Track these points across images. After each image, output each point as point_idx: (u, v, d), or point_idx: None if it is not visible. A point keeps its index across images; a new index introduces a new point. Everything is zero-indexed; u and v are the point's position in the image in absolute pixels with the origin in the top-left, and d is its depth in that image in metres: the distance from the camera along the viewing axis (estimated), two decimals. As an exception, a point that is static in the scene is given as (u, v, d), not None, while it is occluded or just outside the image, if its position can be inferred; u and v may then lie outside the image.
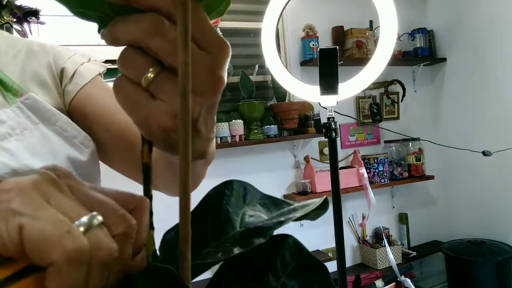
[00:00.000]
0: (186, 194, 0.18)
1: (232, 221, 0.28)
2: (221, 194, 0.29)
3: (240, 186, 0.30)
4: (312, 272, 0.26)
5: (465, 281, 2.62)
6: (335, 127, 1.27)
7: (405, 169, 2.85)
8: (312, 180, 2.51)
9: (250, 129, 2.38)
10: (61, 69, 0.62)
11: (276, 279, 0.25)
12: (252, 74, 2.50)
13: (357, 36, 2.70)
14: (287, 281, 0.25)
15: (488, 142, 2.61)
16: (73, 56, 0.64)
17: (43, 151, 0.52)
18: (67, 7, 0.25)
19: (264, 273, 0.25)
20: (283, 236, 0.27)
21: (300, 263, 0.26)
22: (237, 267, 0.26)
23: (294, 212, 0.25)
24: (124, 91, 0.26)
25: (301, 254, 0.26)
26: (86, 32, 2.07)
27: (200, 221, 0.28)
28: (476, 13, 2.76)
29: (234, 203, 0.29)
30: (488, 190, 2.78)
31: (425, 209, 3.13)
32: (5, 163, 0.47)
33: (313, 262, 0.26)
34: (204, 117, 0.28)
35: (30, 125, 0.53)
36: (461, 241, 2.79)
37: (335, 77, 1.20)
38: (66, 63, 0.63)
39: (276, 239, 0.26)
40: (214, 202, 0.29)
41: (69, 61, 0.63)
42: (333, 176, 1.24)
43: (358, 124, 2.87)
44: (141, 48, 0.26)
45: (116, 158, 0.64)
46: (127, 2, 0.25)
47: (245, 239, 0.25)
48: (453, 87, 3.01)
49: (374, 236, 2.90)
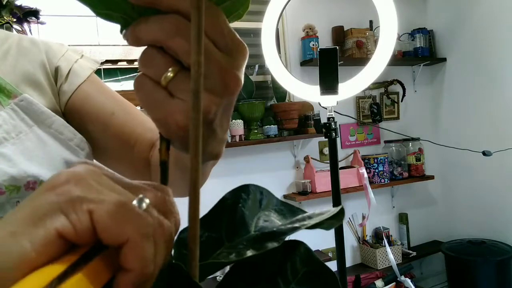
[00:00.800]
0: (195, 193, 0.18)
1: (247, 224, 0.28)
2: (238, 197, 0.30)
3: (256, 190, 0.30)
4: (321, 279, 0.26)
5: (465, 281, 2.62)
6: (335, 127, 1.27)
7: (405, 169, 2.85)
8: (312, 180, 2.51)
9: (250, 129, 2.38)
10: (55, 68, 0.61)
11: (286, 284, 0.25)
12: (252, 74, 2.50)
13: (357, 36, 2.70)
14: (296, 287, 0.25)
15: (488, 142, 2.61)
16: (66, 53, 0.63)
17: (39, 155, 0.51)
18: (91, 8, 0.25)
19: (274, 278, 0.25)
20: (295, 243, 0.27)
21: (310, 270, 0.26)
22: (247, 270, 0.26)
23: (309, 219, 0.26)
24: (144, 89, 0.27)
25: (311, 261, 0.26)
26: (86, 32, 2.07)
27: (215, 223, 0.28)
28: (476, 13, 2.76)
29: (250, 207, 0.29)
30: (488, 190, 2.78)
31: (425, 209, 3.13)
32: (3, 170, 0.47)
33: (322, 269, 0.26)
34: (220, 118, 0.29)
35: (25, 128, 0.52)
36: (461, 241, 2.79)
37: (335, 77, 1.20)
38: (60, 61, 0.62)
39: (288, 245, 0.27)
40: (230, 205, 0.29)
41: (63, 59, 0.62)
42: (333, 176, 1.24)
43: (358, 124, 2.87)
44: (161, 48, 0.26)
45: (113, 158, 0.63)
46: (149, 3, 0.25)
47: (259, 243, 0.25)
48: (453, 87, 3.01)
49: (374, 236, 2.90)
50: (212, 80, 0.26)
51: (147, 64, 0.27)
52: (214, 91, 0.27)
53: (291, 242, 0.27)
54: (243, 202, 0.29)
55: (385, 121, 2.93)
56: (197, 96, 0.18)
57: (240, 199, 0.29)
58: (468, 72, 2.87)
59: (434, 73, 3.15)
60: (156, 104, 0.27)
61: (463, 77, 2.91)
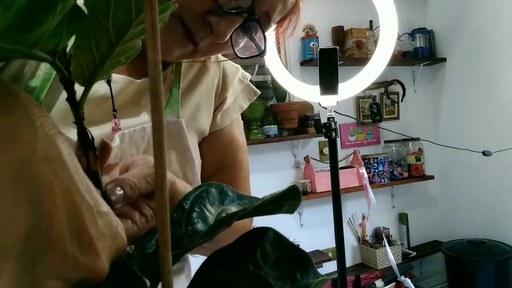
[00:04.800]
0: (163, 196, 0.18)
1: (207, 219, 0.29)
2: (197, 196, 0.30)
3: (216, 188, 0.31)
4: (292, 260, 0.26)
5: (465, 281, 2.62)
6: (335, 127, 1.26)
7: (405, 169, 2.85)
8: (312, 180, 2.51)
9: (250, 129, 2.37)
10: (223, 99, 0.63)
11: (258, 270, 0.26)
12: (252, 74, 2.50)
13: (357, 36, 2.70)
14: (269, 271, 0.26)
15: (488, 142, 2.61)
16: (235, 83, 0.65)
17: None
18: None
19: (245, 266, 0.26)
20: (263, 229, 0.27)
21: (282, 254, 0.27)
22: (218, 262, 0.26)
23: (261, 200, 0.26)
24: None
25: (282, 245, 0.27)
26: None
27: (177, 224, 0.29)
28: (476, 13, 2.76)
29: (210, 204, 0.30)
30: (488, 190, 2.78)
31: (425, 209, 3.13)
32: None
33: (294, 252, 0.27)
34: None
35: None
36: (461, 241, 2.79)
37: (335, 77, 1.20)
38: (229, 94, 0.64)
39: (256, 232, 0.27)
40: (190, 204, 0.30)
41: (231, 91, 0.64)
42: (333, 176, 1.24)
43: (358, 124, 2.87)
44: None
45: None
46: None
47: (211, 231, 0.25)
48: (453, 87, 3.01)
49: (374, 236, 2.90)
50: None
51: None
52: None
53: (259, 229, 0.27)
54: (202, 200, 0.30)
55: (385, 121, 2.93)
56: (157, 97, 0.17)
57: (200, 199, 0.30)
58: (468, 72, 2.86)
59: (434, 73, 3.15)
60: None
61: (463, 77, 2.91)
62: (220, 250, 0.27)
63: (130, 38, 0.23)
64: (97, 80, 0.24)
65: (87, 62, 0.23)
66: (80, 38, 0.22)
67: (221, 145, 0.64)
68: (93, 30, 0.22)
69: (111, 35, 0.23)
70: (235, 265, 0.26)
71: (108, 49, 0.23)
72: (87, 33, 0.22)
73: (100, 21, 0.22)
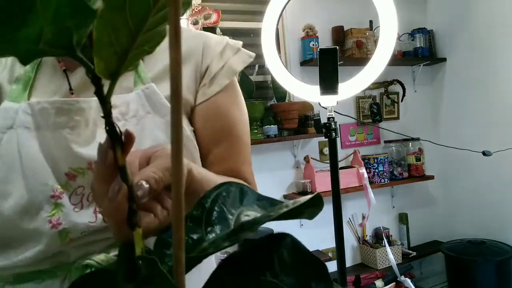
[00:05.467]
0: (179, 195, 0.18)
1: (227, 220, 0.29)
2: (217, 195, 0.30)
3: (237, 188, 0.31)
4: (308, 268, 0.26)
5: (465, 281, 2.62)
6: (335, 127, 1.26)
7: (405, 169, 2.85)
8: (312, 180, 2.50)
9: (250, 129, 2.37)
10: (206, 68, 0.63)
11: (274, 277, 0.25)
12: (252, 74, 2.50)
13: (357, 36, 2.70)
14: (285, 278, 0.25)
15: (488, 142, 2.61)
16: (223, 50, 0.64)
17: (142, 141, 0.55)
18: None
19: (261, 272, 0.25)
20: (281, 235, 0.27)
21: (297, 260, 0.26)
22: (234, 266, 0.26)
23: (286, 208, 0.26)
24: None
25: (298, 252, 0.27)
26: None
27: (196, 222, 0.28)
28: (476, 13, 2.76)
29: (230, 204, 0.30)
30: (488, 190, 2.78)
31: (425, 209, 3.12)
32: None
33: (310, 259, 0.26)
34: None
35: (141, 113, 0.56)
36: (461, 241, 2.78)
37: (335, 77, 1.20)
38: (213, 62, 0.63)
39: (274, 238, 0.27)
40: (210, 203, 0.29)
41: (216, 59, 0.63)
42: (333, 176, 1.24)
43: (358, 124, 2.87)
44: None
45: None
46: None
47: (234, 235, 0.25)
48: (453, 87, 3.01)
49: (374, 236, 2.90)
50: None
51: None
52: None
53: (277, 235, 0.27)
54: (222, 199, 0.30)
55: (385, 121, 2.93)
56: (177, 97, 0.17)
57: (220, 197, 0.30)
58: (468, 72, 2.86)
59: (434, 73, 3.15)
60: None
61: (463, 77, 2.91)
62: (235, 255, 0.26)
63: (152, 27, 0.23)
64: (122, 73, 0.24)
65: (109, 55, 0.23)
66: (98, 31, 0.22)
67: (212, 116, 0.62)
68: (111, 23, 0.22)
69: (130, 26, 0.22)
70: (251, 272, 0.26)
71: (129, 40, 0.23)
72: (105, 26, 0.22)
73: (117, 12, 0.21)
